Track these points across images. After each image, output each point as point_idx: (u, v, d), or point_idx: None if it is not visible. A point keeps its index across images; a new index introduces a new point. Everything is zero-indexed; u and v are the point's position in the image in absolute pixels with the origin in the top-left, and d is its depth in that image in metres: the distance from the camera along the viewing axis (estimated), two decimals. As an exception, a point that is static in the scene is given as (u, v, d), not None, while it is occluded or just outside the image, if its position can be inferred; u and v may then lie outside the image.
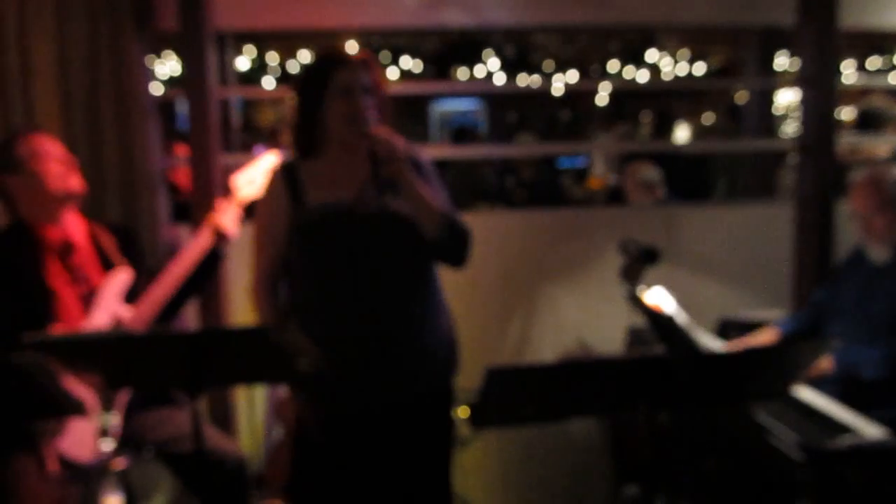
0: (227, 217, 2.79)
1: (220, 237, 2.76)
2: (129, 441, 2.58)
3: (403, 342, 2.14)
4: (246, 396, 3.22)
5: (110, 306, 2.59)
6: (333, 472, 2.18)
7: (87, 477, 2.48)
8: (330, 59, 2.16)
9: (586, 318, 3.61)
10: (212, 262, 2.79)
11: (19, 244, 2.56)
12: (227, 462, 2.61)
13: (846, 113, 6.43)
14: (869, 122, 5.20)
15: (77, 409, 2.10)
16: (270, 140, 7.80)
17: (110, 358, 1.91)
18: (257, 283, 2.27)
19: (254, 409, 3.19)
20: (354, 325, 2.11)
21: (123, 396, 2.55)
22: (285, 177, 2.21)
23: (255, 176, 2.81)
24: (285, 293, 2.30)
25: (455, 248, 2.15)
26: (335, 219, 2.13)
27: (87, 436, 2.45)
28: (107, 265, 2.66)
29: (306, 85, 2.18)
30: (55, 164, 2.59)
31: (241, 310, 3.32)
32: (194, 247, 2.73)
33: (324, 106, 2.14)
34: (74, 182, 2.62)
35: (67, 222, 2.64)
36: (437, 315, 2.23)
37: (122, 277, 2.64)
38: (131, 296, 2.64)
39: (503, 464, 3.32)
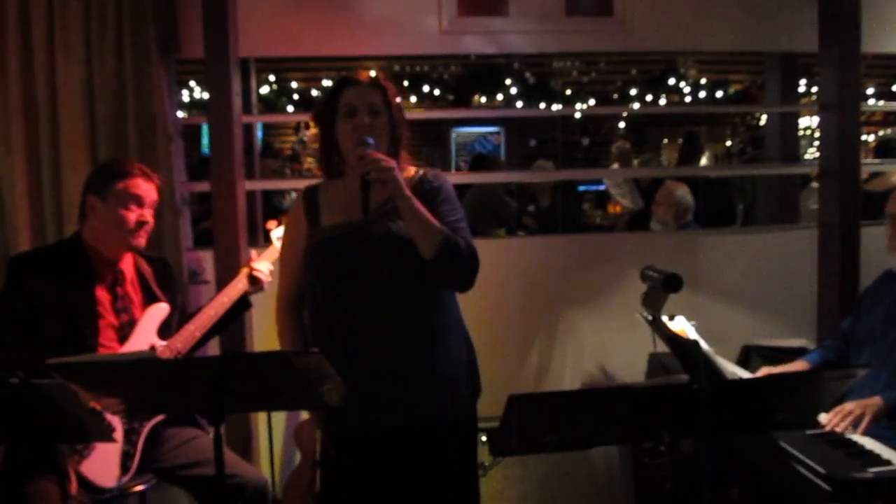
0: (262, 265, 2.87)
1: (255, 283, 2.84)
2: (150, 464, 2.59)
3: (411, 365, 2.12)
4: (265, 421, 3.22)
5: (147, 338, 2.60)
6: (358, 494, 2.17)
7: (109, 500, 2.49)
8: (342, 80, 2.20)
9: (608, 344, 3.59)
10: (241, 307, 2.85)
11: (75, 263, 2.57)
12: (247, 487, 2.60)
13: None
14: (887, 150, 5.17)
15: (105, 434, 2.10)
16: (291, 163, 7.88)
17: (133, 383, 1.92)
18: (281, 307, 2.29)
19: (273, 433, 3.18)
20: (361, 347, 2.11)
21: (146, 421, 2.56)
22: (306, 200, 2.26)
23: None
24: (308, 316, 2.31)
25: (456, 268, 2.10)
26: (343, 240, 2.14)
27: (110, 459, 2.46)
28: (147, 297, 2.68)
29: (322, 107, 2.23)
30: (136, 214, 2.60)
31: (263, 337, 3.33)
32: (230, 290, 2.78)
33: (335, 126, 2.18)
34: (140, 241, 2.63)
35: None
36: (451, 338, 2.20)
37: (160, 310, 2.66)
38: (164, 328, 2.65)
39: (524, 491, 3.28)
